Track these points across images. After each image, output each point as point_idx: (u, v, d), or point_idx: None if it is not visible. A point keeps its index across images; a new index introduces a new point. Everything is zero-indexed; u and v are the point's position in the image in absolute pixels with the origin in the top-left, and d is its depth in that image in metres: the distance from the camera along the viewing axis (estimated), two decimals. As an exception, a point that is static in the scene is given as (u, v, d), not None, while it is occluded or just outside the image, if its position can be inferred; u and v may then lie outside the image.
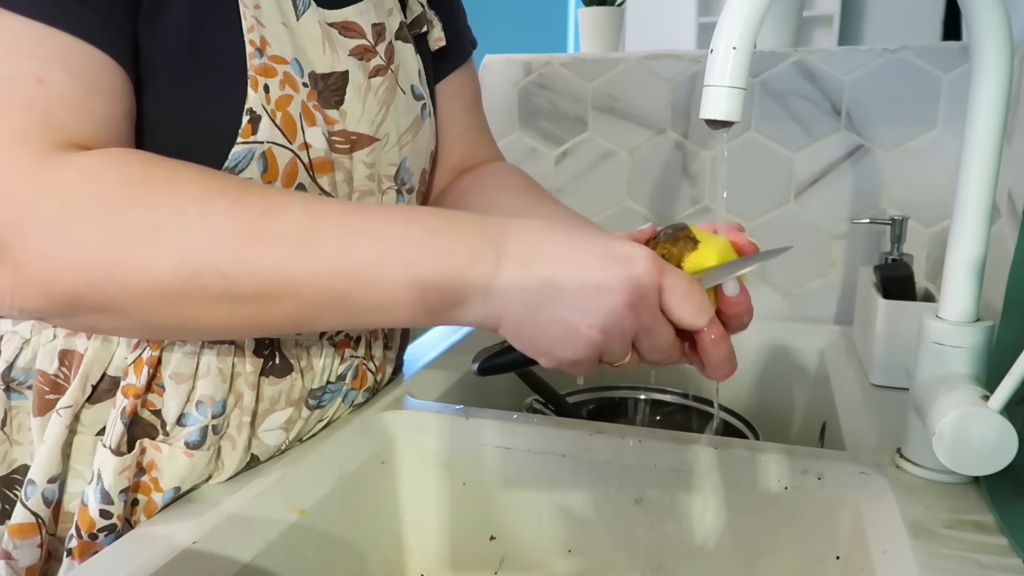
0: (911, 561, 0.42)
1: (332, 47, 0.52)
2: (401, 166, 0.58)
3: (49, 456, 0.47)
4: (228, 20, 0.46)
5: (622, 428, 0.60)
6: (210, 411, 0.49)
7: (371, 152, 0.55)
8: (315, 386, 0.55)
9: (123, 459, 0.46)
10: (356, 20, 0.55)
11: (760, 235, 0.95)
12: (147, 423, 0.49)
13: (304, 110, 0.49)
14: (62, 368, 0.49)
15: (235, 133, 0.46)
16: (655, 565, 0.59)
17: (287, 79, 0.48)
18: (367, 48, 0.55)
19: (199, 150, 0.46)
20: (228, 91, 0.46)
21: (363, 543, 0.58)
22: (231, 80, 0.46)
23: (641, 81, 0.96)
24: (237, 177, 0.43)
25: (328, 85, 0.52)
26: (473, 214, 0.44)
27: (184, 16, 0.44)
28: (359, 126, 0.54)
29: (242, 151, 0.46)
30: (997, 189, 0.49)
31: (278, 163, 0.48)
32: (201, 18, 0.45)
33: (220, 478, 0.51)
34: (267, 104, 0.47)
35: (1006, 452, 0.44)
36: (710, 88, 0.43)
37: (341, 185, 0.53)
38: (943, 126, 0.86)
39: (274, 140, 0.47)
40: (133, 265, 0.38)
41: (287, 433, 0.54)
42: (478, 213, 0.46)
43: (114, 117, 0.42)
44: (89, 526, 0.46)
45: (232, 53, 0.46)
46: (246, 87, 0.46)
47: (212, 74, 0.46)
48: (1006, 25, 0.46)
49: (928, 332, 0.51)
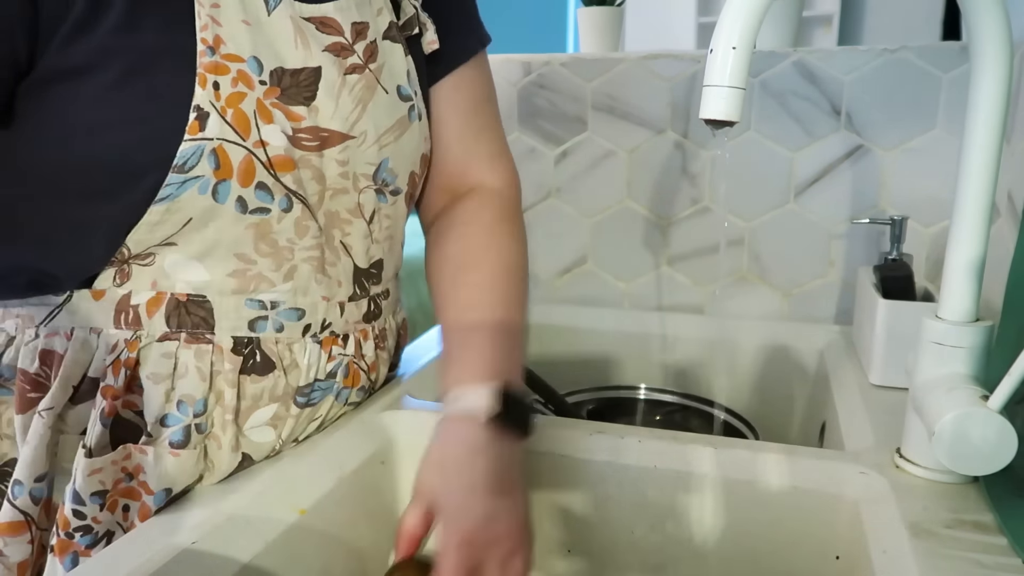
0: (911, 561, 0.42)
1: (305, 42, 0.52)
2: (382, 166, 0.58)
3: (34, 457, 0.48)
4: (178, 19, 0.46)
5: (622, 428, 0.60)
6: (191, 410, 0.49)
7: (344, 150, 0.54)
8: (302, 383, 0.55)
9: (93, 461, 0.46)
10: (334, 16, 0.54)
11: (760, 235, 0.95)
12: (130, 424, 0.49)
13: (260, 107, 0.49)
14: (43, 367, 0.49)
15: (182, 130, 0.46)
16: (655, 565, 0.59)
17: (241, 76, 0.48)
18: (344, 46, 0.55)
19: (146, 147, 0.46)
20: (174, 88, 0.46)
21: (363, 543, 0.58)
22: (177, 77, 0.46)
23: (641, 81, 0.96)
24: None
25: (299, 81, 0.51)
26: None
27: (125, 17, 0.44)
28: (331, 123, 0.53)
29: (190, 148, 0.46)
30: (997, 189, 0.49)
31: (231, 160, 0.48)
32: (145, 18, 0.45)
33: (213, 478, 0.51)
34: (216, 101, 0.47)
35: (1006, 452, 0.44)
36: (710, 88, 0.43)
37: (309, 183, 0.52)
38: (943, 126, 0.86)
39: (224, 137, 0.47)
40: None
41: (276, 431, 0.54)
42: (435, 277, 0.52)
43: None
44: (65, 525, 0.47)
45: (181, 51, 0.46)
46: (194, 84, 0.46)
47: (157, 72, 0.46)
48: (1006, 25, 0.46)
49: (928, 332, 0.51)
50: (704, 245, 0.98)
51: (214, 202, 0.48)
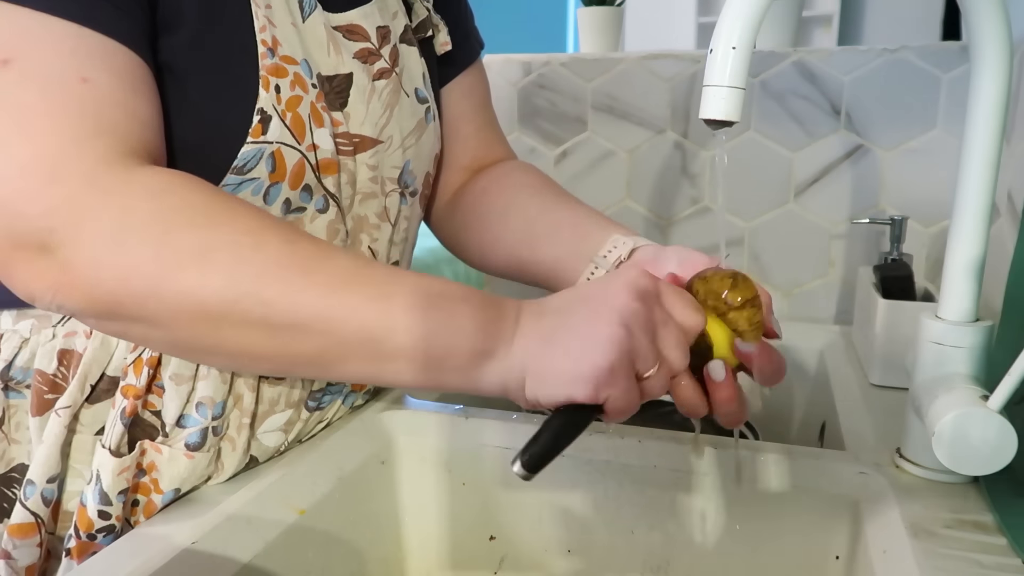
0: (911, 561, 0.42)
1: (337, 49, 0.53)
2: (404, 169, 0.58)
3: (48, 456, 0.47)
4: (240, 19, 0.47)
5: (622, 428, 0.60)
6: (210, 412, 0.49)
7: (374, 155, 0.55)
8: (315, 388, 0.55)
9: (122, 460, 0.46)
10: (360, 23, 0.55)
11: (760, 235, 0.95)
12: (147, 424, 0.49)
13: (313, 111, 0.49)
14: (61, 368, 0.49)
15: (245, 132, 0.46)
16: (655, 565, 0.59)
17: (297, 80, 0.48)
18: (371, 51, 0.55)
19: (210, 148, 0.46)
20: (240, 90, 0.46)
21: (363, 543, 0.58)
22: (243, 79, 0.46)
23: (641, 81, 0.96)
24: (292, 224, 0.43)
25: (333, 87, 0.52)
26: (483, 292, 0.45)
27: (196, 15, 0.45)
28: (362, 128, 0.54)
29: (251, 151, 0.46)
30: (997, 189, 0.49)
31: (286, 163, 0.48)
32: (213, 17, 0.45)
33: (219, 479, 0.51)
34: (278, 104, 0.47)
35: (1006, 452, 0.44)
36: (709, 88, 0.43)
37: (344, 187, 0.53)
38: (943, 126, 0.86)
39: (283, 140, 0.48)
40: (180, 282, 0.39)
41: (286, 435, 0.54)
42: (500, 212, 0.49)
43: (152, 116, 0.43)
44: (88, 527, 0.46)
45: (244, 52, 0.46)
46: (257, 87, 0.46)
47: (224, 73, 0.46)
48: (1006, 25, 0.46)
49: (927, 332, 0.51)
50: (704, 245, 0.98)
51: (264, 204, 0.48)
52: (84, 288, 0.39)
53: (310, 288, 0.40)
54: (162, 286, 0.38)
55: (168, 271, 0.38)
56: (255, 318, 0.39)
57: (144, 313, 0.39)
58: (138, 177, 0.39)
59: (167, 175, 0.41)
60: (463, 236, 0.67)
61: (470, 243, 0.66)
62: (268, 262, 0.40)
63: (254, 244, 0.40)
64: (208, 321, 0.40)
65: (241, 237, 0.40)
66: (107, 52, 0.40)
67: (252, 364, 0.44)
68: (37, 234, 0.38)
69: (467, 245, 0.67)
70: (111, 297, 0.39)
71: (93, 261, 0.38)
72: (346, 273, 0.41)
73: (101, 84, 0.40)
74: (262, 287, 0.39)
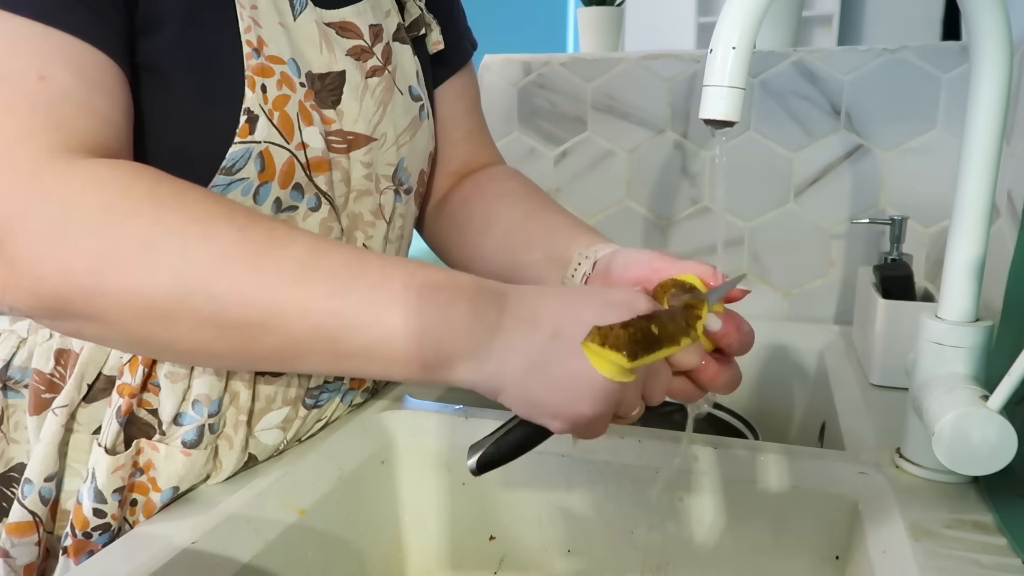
0: (911, 561, 0.42)
1: (329, 47, 0.53)
2: (399, 166, 0.59)
3: (46, 455, 0.48)
4: (224, 20, 0.47)
5: (622, 428, 0.60)
6: (206, 410, 0.49)
7: (368, 152, 0.55)
8: (312, 385, 0.55)
9: (116, 458, 0.46)
10: (353, 20, 0.55)
11: (760, 235, 0.95)
12: (144, 422, 0.49)
13: (301, 110, 0.49)
14: (58, 367, 0.49)
15: (233, 133, 0.46)
16: (655, 565, 0.59)
17: (284, 79, 0.48)
18: (364, 49, 0.55)
19: (197, 149, 0.46)
20: (226, 91, 0.46)
21: (363, 543, 0.58)
22: (229, 80, 0.46)
23: (640, 81, 0.96)
24: (247, 207, 0.42)
25: (325, 85, 0.52)
26: (471, 275, 0.43)
27: (179, 16, 0.44)
28: (356, 126, 0.54)
29: (239, 151, 0.46)
30: (997, 189, 0.49)
31: (275, 162, 0.48)
32: (196, 18, 0.45)
33: (218, 478, 0.51)
34: (264, 104, 0.47)
35: (1005, 452, 0.44)
36: (709, 88, 0.43)
37: (338, 184, 0.53)
38: (943, 126, 0.86)
39: (271, 140, 0.47)
40: (125, 277, 0.38)
41: (285, 433, 0.54)
42: (480, 222, 0.45)
43: (116, 116, 0.42)
44: (83, 525, 0.46)
45: (229, 53, 0.46)
46: (243, 87, 0.46)
47: (209, 74, 0.46)
48: (1006, 25, 0.46)
49: (927, 332, 0.51)
50: (704, 245, 0.98)
51: (254, 204, 0.48)
52: (29, 286, 0.38)
53: (261, 284, 0.38)
54: (107, 281, 0.37)
55: (111, 265, 0.37)
56: (205, 316, 0.38)
57: (92, 311, 0.38)
58: (83, 169, 0.38)
59: (113, 165, 0.40)
60: (446, 243, 0.67)
61: (452, 250, 0.66)
62: (216, 255, 0.38)
63: (202, 234, 0.39)
64: (158, 319, 0.39)
65: (189, 227, 0.39)
66: (71, 51, 0.40)
67: (212, 362, 0.44)
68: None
69: (450, 251, 0.67)
70: (57, 294, 0.38)
71: (36, 257, 0.37)
72: (299, 266, 0.39)
73: (59, 81, 0.39)
74: (210, 282, 0.38)
